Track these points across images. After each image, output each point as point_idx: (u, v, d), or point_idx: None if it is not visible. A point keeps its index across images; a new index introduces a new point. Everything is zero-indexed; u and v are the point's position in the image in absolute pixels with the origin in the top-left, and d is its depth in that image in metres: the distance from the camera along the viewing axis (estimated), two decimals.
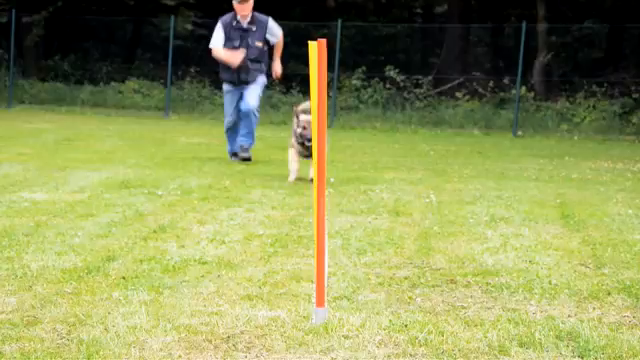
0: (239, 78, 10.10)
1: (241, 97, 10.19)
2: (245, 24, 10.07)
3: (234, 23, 10.09)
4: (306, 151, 8.25)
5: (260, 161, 10.48)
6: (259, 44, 10.07)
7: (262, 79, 10.25)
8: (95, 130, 15.07)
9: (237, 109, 10.22)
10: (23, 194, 7.14)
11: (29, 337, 3.45)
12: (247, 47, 10.01)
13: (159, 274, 4.54)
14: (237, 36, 10.06)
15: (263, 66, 10.21)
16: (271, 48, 10.30)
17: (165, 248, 5.20)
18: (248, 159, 10.11)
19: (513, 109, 18.92)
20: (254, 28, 10.07)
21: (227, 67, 10.11)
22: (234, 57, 10.02)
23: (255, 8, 10.07)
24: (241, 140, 10.20)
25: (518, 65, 18.60)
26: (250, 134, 10.21)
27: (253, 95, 10.16)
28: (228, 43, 10.11)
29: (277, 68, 10.30)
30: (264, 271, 4.68)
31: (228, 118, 10.39)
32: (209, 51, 10.41)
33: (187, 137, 14.24)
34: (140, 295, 4.10)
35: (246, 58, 10.00)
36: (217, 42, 10.21)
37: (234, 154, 10.37)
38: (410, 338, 3.55)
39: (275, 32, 10.21)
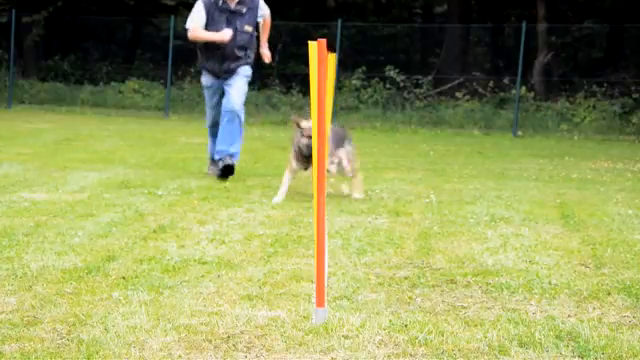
0: (222, 67, 8.59)
1: (223, 93, 8.67)
2: (233, 5, 8.54)
3: (220, 3, 8.54)
4: (307, 163, 7.35)
5: (260, 161, 10.48)
6: (249, 29, 8.61)
7: (247, 71, 8.71)
8: (95, 130, 15.07)
9: (219, 105, 8.73)
10: (23, 194, 7.14)
11: (29, 337, 3.45)
12: (235, 32, 8.51)
13: (159, 274, 4.54)
14: (223, 19, 8.54)
15: (250, 54, 8.72)
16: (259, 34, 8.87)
17: (165, 248, 5.20)
18: (230, 169, 8.43)
19: (513, 109, 18.93)
20: (244, 10, 8.56)
21: (210, 54, 8.63)
22: (223, 34, 8.49)
23: None
24: (222, 148, 8.51)
25: (518, 65, 18.61)
26: (234, 142, 8.56)
27: (238, 92, 8.59)
28: (211, 27, 8.55)
29: (266, 51, 8.77)
30: (264, 271, 4.68)
31: (212, 116, 8.84)
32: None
33: (187, 137, 14.24)
34: (140, 295, 4.10)
35: (233, 45, 8.53)
36: (197, 22, 8.63)
37: (214, 160, 8.71)
38: (410, 338, 3.55)
39: (264, 11, 8.77)
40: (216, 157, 8.55)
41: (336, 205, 6.99)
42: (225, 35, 8.47)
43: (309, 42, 3.85)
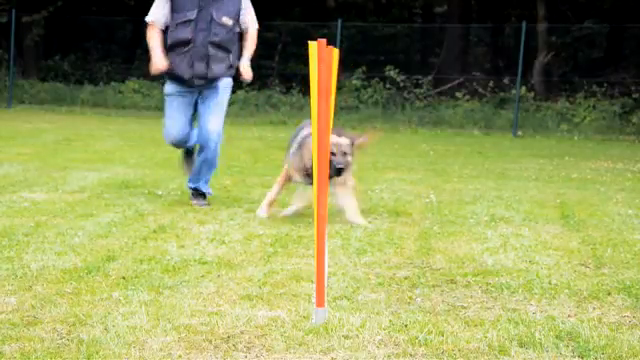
0: (194, 71, 6.72)
1: (195, 108, 6.88)
2: None
3: None
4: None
5: (260, 161, 10.49)
6: (227, 22, 6.71)
7: (228, 84, 6.90)
8: (95, 130, 15.07)
9: (189, 126, 6.92)
10: (23, 194, 7.14)
11: (29, 337, 3.45)
12: (209, 23, 6.68)
13: (159, 274, 4.54)
14: (194, 4, 6.67)
15: (232, 58, 6.82)
16: (241, 37, 6.97)
17: (165, 248, 5.20)
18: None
19: (513, 109, 18.92)
20: None
21: (175, 53, 6.76)
22: (157, 62, 6.72)
23: (254, 8, 7.09)
24: (197, 184, 6.96)
25: (518, 65, 18.60)
26: (209, 172, 6.98)
27: (217, 115, 6.81)
28: (179, 15, 6.71)
29: (246, 68, 6.81)
30: (264, 271, 4.68)
31: (172, 136, 6.87)
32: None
33: None
34: (140, 295, 4.10)
35: (204, 40, 6.70)
36: (156, 15, 6.83)
37: (197, 192, 7.00)
38: (410, 338, 3.55)
39: (247, 16, 6.90)
40: (190, 185, 7.03)
41: (336, 205, 6.97)
42: (158, 63, 6.71)
43: (309, 42, 3.85)
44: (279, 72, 22.84)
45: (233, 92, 7.65)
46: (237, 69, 6.88)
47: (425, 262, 5.04)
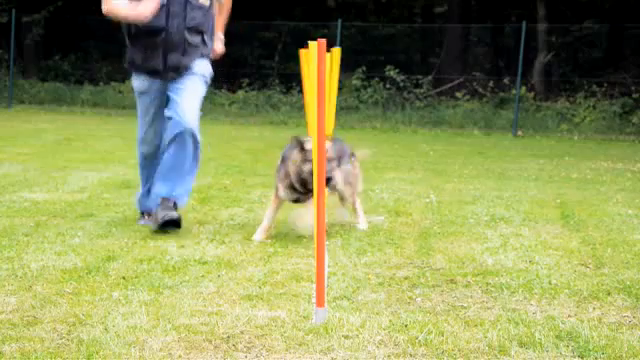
0: (165, 62, 5.76)
1: (168, 104, 5.82)
2: None
3: None
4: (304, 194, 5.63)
5: (260, 161, 10.48)
6: (205, 2, 5.75)
7: (204, 67, 5.88)
8: (95, 130, 15.07)
9: (160, 120, 5.96)
10: (23, 194, 7.14)
11: (29, 337, 3.45)
12: (183, 6, 5.69)
13: (159, 274, 4.54)
14: None
15: (207, 40, 5.87)
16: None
17: (165, 248, 5.20)
18: (174, 222, 5.64)
19: (513, 109, 18.92)
20: None
21: (144, 42, 5.76)
22: (143, 7, 5.57)
23: (254, 8, 6.46)
24: (162, 190, 5.74)
25: (518, 65, 18.60)
26: (183, 178, 5.76)
27: (191, 101, 5.75)
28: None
29: (217, 43, 6.04)
30: (264, 271, 4.68)
31: (145, 144, 6.17)
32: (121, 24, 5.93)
33: None
34: (140, 295, 4.10)
35: (181, 25, 5.71)
36: None
37: (145, 213, 6.00)
38: (410, 338, 3.55)
39: None
40: (156, 197, 5.80)
41: (336, 205, 6.97)
42: (145, 10, 5.57)
43: (309, 42, 3.85)
44: (279, 72, 22.83)
45: (233, 92, 7.54)
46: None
47: (425, 262, 5.04)
